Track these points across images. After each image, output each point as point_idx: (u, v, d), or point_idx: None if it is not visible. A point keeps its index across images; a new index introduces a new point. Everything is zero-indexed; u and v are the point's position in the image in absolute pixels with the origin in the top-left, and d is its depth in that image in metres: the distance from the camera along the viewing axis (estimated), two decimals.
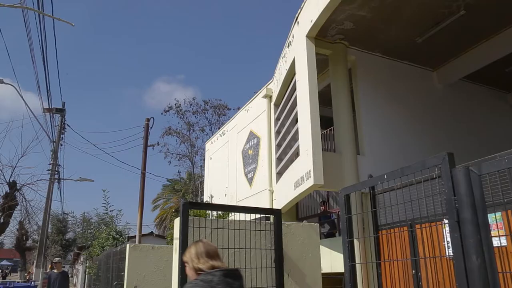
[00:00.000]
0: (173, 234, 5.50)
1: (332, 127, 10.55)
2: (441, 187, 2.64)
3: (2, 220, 8.95)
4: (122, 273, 7.53)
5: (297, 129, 9.61)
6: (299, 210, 12.99)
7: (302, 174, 8.83)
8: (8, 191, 9.44)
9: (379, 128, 10.37)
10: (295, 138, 9.84)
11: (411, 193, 3.23)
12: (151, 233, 25.92)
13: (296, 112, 9.70)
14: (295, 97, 9.75)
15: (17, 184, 9.78)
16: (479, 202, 2.43)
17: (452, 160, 2.59)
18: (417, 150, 9.73)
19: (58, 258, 13.12)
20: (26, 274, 28.91)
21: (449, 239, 7.24)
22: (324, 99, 10.07)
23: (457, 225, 2.53)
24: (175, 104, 33.24)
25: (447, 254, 7.00)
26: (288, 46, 10.48)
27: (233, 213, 6.83)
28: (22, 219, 15.74)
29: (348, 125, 9.92)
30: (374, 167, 8.84)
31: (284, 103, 11.08)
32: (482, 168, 2.42)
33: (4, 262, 41.30)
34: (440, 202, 2.88)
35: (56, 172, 21.55)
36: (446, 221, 7.09)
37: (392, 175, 3.02)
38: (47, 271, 32.86)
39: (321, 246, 4.79)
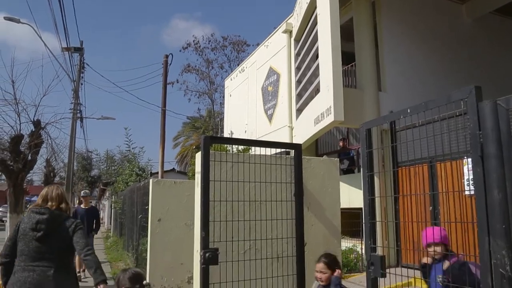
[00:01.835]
0: (194, 170, 5.61)
1: (353, 63, 10.34)
2: (466, 121, 2.58)
3: (30, 157, 9.21)
4: (146, 207, 7.79)
5: (317, 65, 9.44)
6: (318, 146, 13.04)
7: (322, 111, 8.77)
8: (33, 130, 9.64)
9: (403, 64, 10.11)
10: (315, 74, 9.69)
11: (434, 130, 3.17)
12: (173, 170, 26.51)
13: (317, 47, 9.48)
14: (316, 31, 9.48)
15: (42, 123, 9.96)
16: (505, 136, 2.37)
17: (480, 94, 2.51)
18: (442, 88, 9.51)
19: (85, 191, 10.90)
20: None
21: (468, 176, 7.21)
22: (346, 33, 9.79)
23: (480, 160, 2.49)
24: (194, 41, 32.80)
25: (466, 191, 7.03)
26: None
27: (253, 149, 6.86)
28: (48, 157, 16.17)
29: (370, 61, 9.68)
30: (395, 105, 8.71)
31: (305, 38, 10.80)
32: (510, 102, 2.34)
33: (35, 198, 43.25)
34: (464, 138, 2.81)
35: (78, 111, 21.90)
36: (466, 159, 6.99)
37: (416, 109, 2.95)
38: (75, 206, 34.24)
39: (340, 181, 4.83)
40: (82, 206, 9.79)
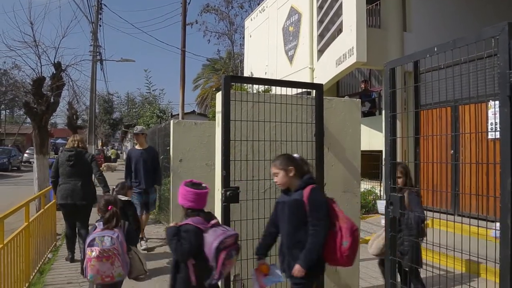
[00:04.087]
0: (214, 112, 5.60)
1: (378, 2, 9.93)
2: (496, 61, 2.49)
3: (52, 99, 9.30)
4: (168, 148, 7.91)
5: (340, 4, 9.10)
6: (339, 88, 12.87)
7: (344, 51, 8.57)
8: (54, 72, 9.67)
9: (429, 2, 9.68)
10: (338, 13, 9.37)
11: (461, 71, 3.06)
12: (193, 112, 26.68)
13: None
14: None
15: (62, 65, 9.96)
16: None
17: None
18: (470, 30, 9.12)
19: (140, 127, 8.03)
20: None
21: (492, 120, 7.03)
22: None
23: (508, 100, 2.42)
24: None
25: (489, 134, 6.92)
26: None
27: (273, 90, 6.78)
28: (70, 100, 16.38)
29: None
30: (420, 46, 8.40)
31: None
32: None
33: (59, 141, 44.27)
34: (493, 78, 2.72)
35: (97, 53, 21.86)
36: (491, 102, 6.82)
37: (443, 47, 2.84)
38: (99, 148, 35.00)
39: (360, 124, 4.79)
40: (136, 147, 7.36)
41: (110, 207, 3.71)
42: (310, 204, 2.96)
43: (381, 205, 4.00)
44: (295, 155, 3.29)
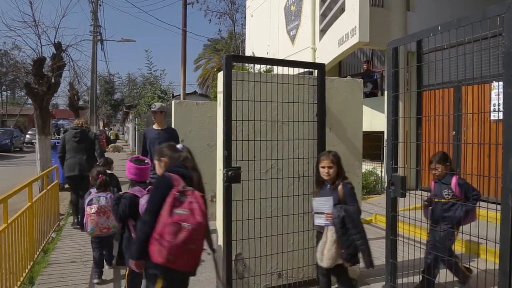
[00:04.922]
0: (216, 92, 5.55)
1: None
2: (500, 40, 2.46)
3: (53, 80, 9.23)
4: None
5: None
6: (342, 68, 12.77)
7: (347, 31, 8.47)
8: (54, 52, 9.58)
9: None
10: None
11: (465, 50, 3.03)
12: (195, 92, 26.54)
13: None
14: None
15: (62, 45, 9.86)
16: None
17: None
18: (476, 10, 8.98)
19: (159, 103, 6.88)
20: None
21: (495, 101, 6.98)
22: None
23: None
24: None
25: (492, 115, 6.88)
26: None
27: (275, 70, 6.73)
28: (71, 80, 16.25)
29: None
30: (424, 26, 8.32)
31: None
32: None
33: (61, 122, 44.35)
34: (498, 59, 2.69)
35: (98, 33, 21.68)
36: (494, 83, 6.76)
37: (447, 26, 2.81)
38: (100, 128, 35.05)
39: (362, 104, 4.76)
40: (154, 126, 6.49)
41: (100, 176, 4.71)
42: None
43: (316, 203, 3.66)
44: (179, 145, 3.08)
